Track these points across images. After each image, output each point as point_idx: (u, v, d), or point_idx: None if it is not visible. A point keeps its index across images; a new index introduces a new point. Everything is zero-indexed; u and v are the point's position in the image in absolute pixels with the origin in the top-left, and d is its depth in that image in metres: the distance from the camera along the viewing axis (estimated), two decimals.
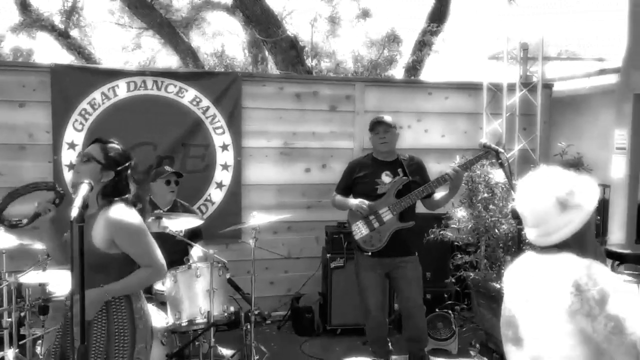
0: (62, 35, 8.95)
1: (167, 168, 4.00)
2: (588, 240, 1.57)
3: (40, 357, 3.33)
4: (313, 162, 5.22)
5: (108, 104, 4.71)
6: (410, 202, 3.55)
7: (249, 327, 3.66)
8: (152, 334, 2.39)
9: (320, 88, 5.27)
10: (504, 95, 5.43)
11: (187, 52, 8.92)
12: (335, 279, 4.65)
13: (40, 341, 3.38)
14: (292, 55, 7.54)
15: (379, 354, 3.83)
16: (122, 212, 2.21)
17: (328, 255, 4.70)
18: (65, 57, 9.60)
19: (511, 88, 5.39)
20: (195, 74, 5.13)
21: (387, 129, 3.66)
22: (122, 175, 2.30)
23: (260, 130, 5.09)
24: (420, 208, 3.82)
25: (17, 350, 3.35)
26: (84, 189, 1.92)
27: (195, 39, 10.35)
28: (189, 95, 4.86)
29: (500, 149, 3.12)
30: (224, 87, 4.94)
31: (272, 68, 9.06)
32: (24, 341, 3.26)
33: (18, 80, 4.57)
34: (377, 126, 3.67)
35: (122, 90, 4.73)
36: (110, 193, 2.26)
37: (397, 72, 10.64)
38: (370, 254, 3.60)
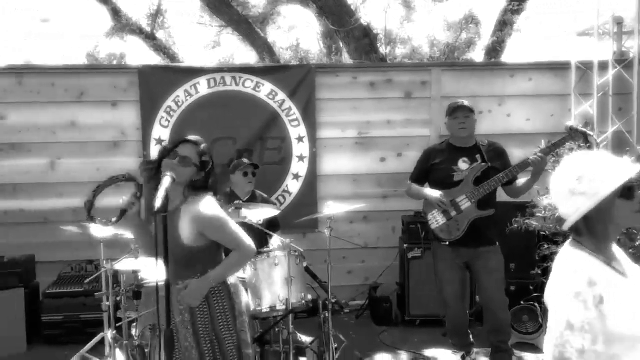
0: (149, 38, 9.50)
1: (245, 160, 4.14)
2: (598, 226, 1.52)
3: (135, 338, 3.59)
4: (388, 151, 5.16)
5: (191, 101, 4.94)
6: (490, 189, 3.40)
7: (327, 315, 3.70)
8: (247, 307, 2.54)
9: (394, 75, 5.18)
10: (594, 73, 5.03)
11: (263, 47, 9.12)
12: (413, 270, 4.59)
13: (135, 324, 3.64)
14: (365, 43, 7.48)
15: (460, 346, 3.73)
16: (207, 206, 2.30)
17: (405, 245, 4.64)
18: (153, 59, 10.18)
19: (603, 66, 4.99)
20: (271, 68, 5.25)
21: (467, 114, 3.53)
22: (210, 173, 2.40)
23: (334, 121, 5.11)
24: (502, 196, 3.66)
25: (114, 332, 3.63)
26: (166, 181, 2.04)
27: (271, 34, 10.55)
28: (265, 90, 4.98)
29: (589, 132, 2.91)
30: (299, 79, 5.01)
31: (346, 59, 9.04)
32: (120, 323, 3.53)
33: (110, 81, 4.92)
34: (457, 111, 3.55)
35: (203, 87, 4.95)
36: (199, 188, 2.36)
37: (476, 55, 10.21)
38: (447, 243, 3.50)
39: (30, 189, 4.88)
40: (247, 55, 10.69)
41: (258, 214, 3.65)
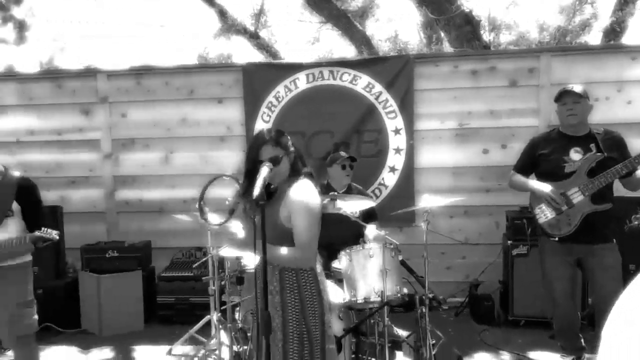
0: (253, 37, 9.91)
1: (342, 153, 4.17)
2: None
3: (238, 322, 3.78)
4: (491, 143, 4.93)
5: (290, 96, 5.09)
6: (606, 181, 3.12)
7: (423, 310, 3.63)
8: (329, 307, 2.53)
9: (498, 63, 4.93)
10: None
11: (361, 41, 9.12)
12: (518, 267, 4.35)
13: (238, 308, 3.84)
14: (466, 31, 7.17)
15: (569, 350, 3.48)
16: (304, 188, 2.32)
17: (509, 242, 4.41)
18: (256, 57, 10.62)
19: None
20: (368, 61, 5.23)
21: (577, 99, 3.25)
22: (297, 158, 2.41)
23: (433, 112, 4.98)
24: (620, 190, 3.34)
25: (219, 315, 3.86)
26: (264, 170, 2.12)
27: (370, 27, 10.53)
28: (362, 82, 4.98)
29: None
30: (396, 70, 4.95)
31: (447, 48, 8.75)
32: (224, 307, 3.74)
33: (217, 79, 5.22)
34: (565, 96, 3.29)
35: (302, 82, 5.07)
36: (292, 172, 2.38)
37: (592, 38, 9.38)
38: (557, 239, 3.27)
39: (147, 180, 5.33)
40: (346, 50, 10.77)
41: (354, 206, 3.67)
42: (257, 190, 1.97)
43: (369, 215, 3.96)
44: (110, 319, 4.53)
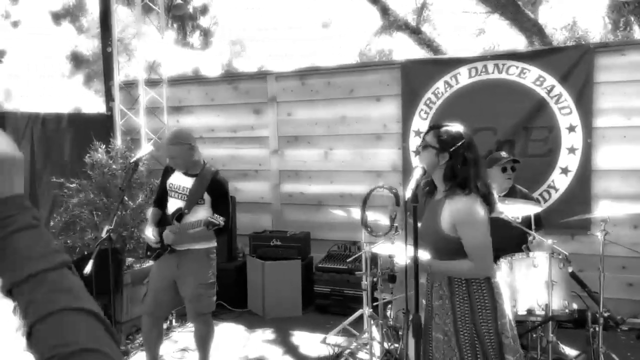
0: (415, 32, 9.81)
1: (503, 154, 3.90)
2: None
3: (390, 319, 3.80)
4: None
5: (450, 92, 4.92)
6: None
7: (596, 329, 3.25)
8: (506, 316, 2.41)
9: None
10: None
11: (532, 30, 8.42)
12: None
13: (390, 305, 3.86)
14: None
15: None
16: (468, 202, 2.26)
17: None
18: (417, 52, 10.50)
19: None
20: (539, 52, 4.81)
21: None
22: (457, 155, 2.31)
23: (617, 107, 4.39)
24: None
25: (371, 310, 3.92)
26: (417, 172, 2.09)
27: (542, 14, 9.67)
28: (531, 76, 4.61)
29: None
30: (572, 62, 4.47)
31: (637, 34, 7.63)
32: (376, 303, 3.78)
33: (376, 78, 5.27)
34: None
35: (463, 77, 4.87)
36: (450, 176, 2.31)
37: None
38: None
39: (308, 175, 5.62)
40: (514, 40, 10.08)
41: (516, 210, 3.43)
42: (408, 192, 1.95)
43: (534, 221, 3.66)
44: (273, 302, 4.90)
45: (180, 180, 3.42)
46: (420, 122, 5.03)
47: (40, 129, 5.53)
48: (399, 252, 3.68)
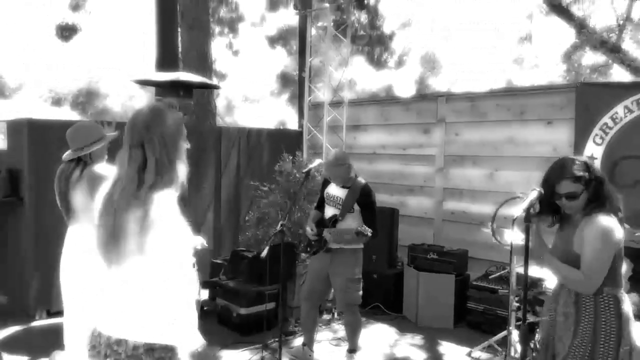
0: (613, 51, 9.01)
1: None
2: None
3: (535, 341, 3.81)
4: None
5: (630, 118, 4.65)
6: None
7: None
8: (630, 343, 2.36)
9: None
10: None
11: None
12: None
13: (537, 328, 3.87)
14: None
15: None
16: (605, 220, 2.31)
17: None
18: (617, 72, 9.62)
19: None
20: None
21: None
22: (601, 185, 2.37)
23: None
24: None
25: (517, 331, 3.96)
26: (533, 194, 2.27)
27: None
28: None
29: None
30: None
31: None
32: (519, 323, 3.83)
33: (547, 101, 5.22)
34: None
35: None
36: (592, 201, 2.37)
37: None
38: None
39: (472, 194, 5.77)
40: None
41: None
42: (519, 211, 2.17)
43: None
44: (426, 311, 5.18)
45: (335, 191, 4.02)
46: (595, 148, 4.83)
47: (246, 140, 6.75)
48: (547, 275, 3.70)
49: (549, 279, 3.71)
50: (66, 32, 11.41)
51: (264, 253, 3.42)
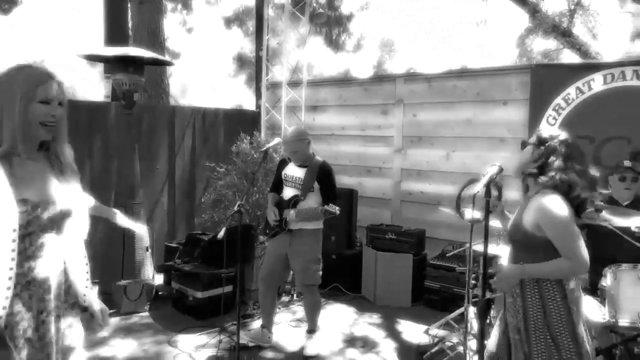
0: (564, 35, 9.26)
1: (626, 163, 3.74)
2: None
3: (491, 317, 3.89)
4: None
5: (582, 98, 4.77)
6: None
7: None
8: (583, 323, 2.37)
9: None
10: None
11: None
12: None
13: (492, 304, 3.95)
14: None
15: None
16: (552, 201, 2.31)
17: None
18: (567, 56, 9.90)
19: None
20: None
21: None
22: (548, 156, 2.42)
23: None
24: None
25: (473, 307, 4.04)
26: (492, 170, 2.27)
27: None
28: None
29: None
30: None
31: None
32: (476, 300, 3.90)
33: (503, 81, 5.29)
34: None
35: (597, 83, 4.69)
36: (535, 173, 2.41)
37: None
38: None
39: (429, 175, 5.83)
40: None
41: (629, 222, 3.30)
42: (479, 187, 2.16)
43: None
44: (384, 291, 5.22)
45: (294, 171, 3.94)
46: (548, 128, 4.93)
47: (202, 121, 6.55)
48: (504, 253, 3.77)
49: (504, 256, 3.78)
50: (5, 4, 10.69)
51: (221, 234, 3.31)
